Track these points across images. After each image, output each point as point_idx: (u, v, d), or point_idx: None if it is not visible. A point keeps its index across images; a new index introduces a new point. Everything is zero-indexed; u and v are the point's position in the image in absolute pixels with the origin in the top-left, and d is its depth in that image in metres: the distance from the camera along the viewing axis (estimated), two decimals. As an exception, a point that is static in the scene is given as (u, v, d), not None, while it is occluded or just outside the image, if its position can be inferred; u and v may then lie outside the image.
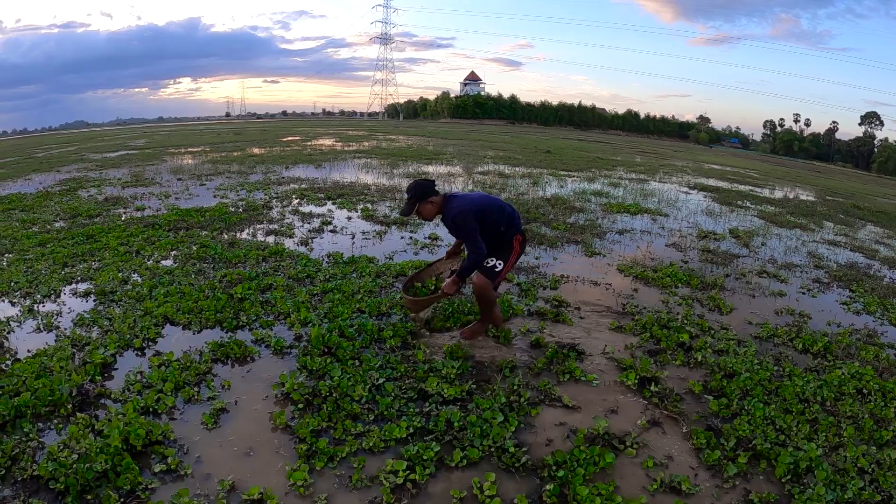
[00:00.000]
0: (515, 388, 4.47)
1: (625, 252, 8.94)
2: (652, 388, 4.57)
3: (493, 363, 4.99)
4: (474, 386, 4.54)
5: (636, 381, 4.66)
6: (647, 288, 7.19)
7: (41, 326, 5.65)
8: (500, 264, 5.11)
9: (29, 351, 5.06)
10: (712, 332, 5.85)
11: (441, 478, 3.57)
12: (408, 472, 3.55)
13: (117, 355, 5.03)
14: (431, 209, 5.08)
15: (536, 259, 8.27)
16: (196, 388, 4.49)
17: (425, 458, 3.67)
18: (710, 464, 3.74)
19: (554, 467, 3.55)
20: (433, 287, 5.81)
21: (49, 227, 10.13)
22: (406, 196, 5.07)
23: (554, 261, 8.26)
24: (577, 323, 5.91)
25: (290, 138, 36.23)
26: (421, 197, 5.01)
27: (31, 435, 3.89)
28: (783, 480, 3.64)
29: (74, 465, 3.46)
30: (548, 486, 3.38)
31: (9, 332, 5.53)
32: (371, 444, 3.82)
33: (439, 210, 5.12)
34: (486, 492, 3.37)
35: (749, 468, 3.74)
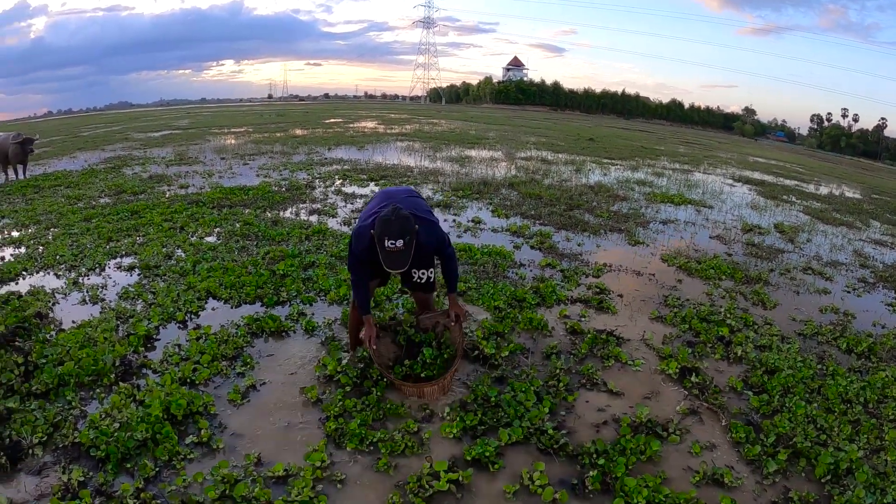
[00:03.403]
0: (556, 372, 4.48)
1: (668, 242, 8.85)
2: (693, 378, 4.52)
3: (536, 348, 5.00)
4: (515, 371, 4.59)
5: (677, 371, 4.63)
6: (690, 279, 7.10)
7: (86, 299, 5.85)
8: (433, 274, 4.46)
9: (74, 322, 5.24)
10: (755, 326, 5.75)
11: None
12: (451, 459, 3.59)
13: (160, 328, 5.20)
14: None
15: (579, 246, 8.21)
16: (231, 363, 4.61)
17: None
18: (749, 458, 3.70)
19: (595, 454, 3.55)
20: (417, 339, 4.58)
21: (94, 202, 10.46)
22: (399, 244, 3.57)
23: (597, 248, 8.20)
24: (619, 311, 5.89)
25: (332, 120, 36.44)
26: (414, 234, 3.67)
27: (73, 403, 4.03)
28: (823, 480, 3.58)
29: (115, 434, 3.57)
30: (591, 473, 3.37)
31: (54, 304, 5.74)
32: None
33: None
34: (537, 481, 3.35)
35: (789, 466, 3.68)
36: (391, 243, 3.51)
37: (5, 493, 3.15)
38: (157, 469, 3.41)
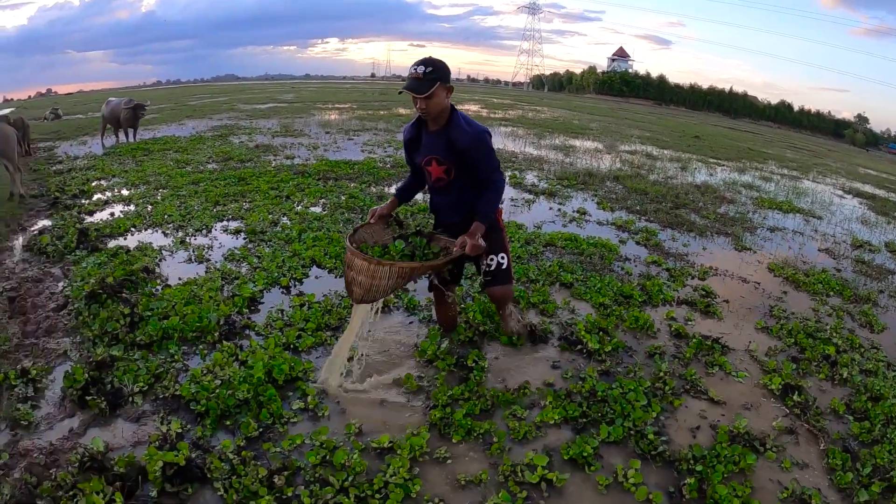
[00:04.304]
0: (661, 375, 4.35)
1: (776, 251, 8.44)
2: (795, 397, 4.29)
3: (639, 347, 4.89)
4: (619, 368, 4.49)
5: (780, 387, 4.40)
6: (796, 292, 6.73)
7: (192, 258, 6.12)
8: (504, 259, 4.11)
9: (180, 279, 5.48)
10: (861, 349, 5.36)
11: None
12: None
13: (264, 291, 5.36)
14: (443, 102, 3.69)
15: (685, 246, 7.97)
16: (334, 333, 4.65)
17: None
18: (841, 486, 3.46)
19: (692, 461, 3.45)
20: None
21: (202, 167, 10.98)
22: (420, 69, 3.56)
23: (703, 251, 7.93)
24: (724, 318, 5.68)
25: (433, 99, 36.55)
26: (445, 77, 3.63)
27: (175, 357, 4.17)
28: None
29: (217, 391, 3.66)
30: (688, 480, 3.26)
31: (160, 260, 6.03)
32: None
33: (446, 111, 3.76)
34: (631, 479, 3.26)
35: (881, 499, 3.42)
36: (414, 68, 3.60)
37: (102, 437, 3.27)
38: (260, 430, 3.47)
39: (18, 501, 2.81)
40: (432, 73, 3.55)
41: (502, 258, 4.06)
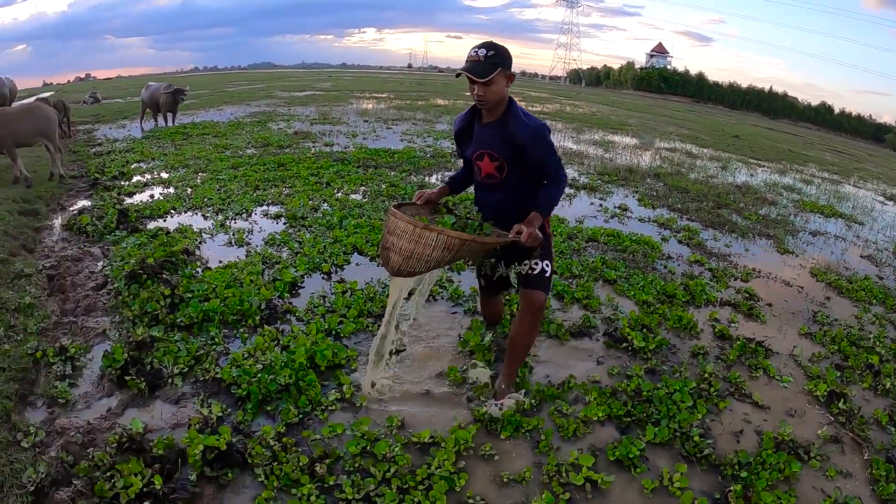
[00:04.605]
0: (706, 376, 4.27)
1: (818, 255, 8.27)
2: (840, 405, 4.19)
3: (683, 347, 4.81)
4: (663, 366, 4.43)
5: (825, 394, 4.31)
6: (839, 298, 6.58)
7: (232, 241, 6.14)
8: (548, 266, 3.71)
9: (220, 262, 5.49)
10: None
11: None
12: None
13: (305, 276, 5.34)
14: (502, 91, 3.37)
15: (727, 247, 7.85)
16: (376, 321, 4.59)
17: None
18: (883, 497, 3.39)
19: (737, 466, 3.38)
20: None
21: (241, 152, 11.06)
22: (482, 52, 3.25)
23: (745, 252, 7.80)
24: (768, 321, 5.59)
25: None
26: (507, 64, 3.33)
27: (216, 339, 4.15)
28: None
29: (258, 375, 3.63)
30: (733, 487, 3.19)
31: (200, 243, 6.05)
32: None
33: (503, 101, 3.44)
34: (677, 483, 3.19)
35: None
36: (475, 51, 3.28)
37: (141, 418, 3.24)
38: (300, 416, 3.43)
39: (54, 480, 2.78)
40: (494, 58, 3.24)
41: (546, 265, 3.67)
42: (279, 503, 2.84)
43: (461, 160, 3.86)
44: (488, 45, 3.28)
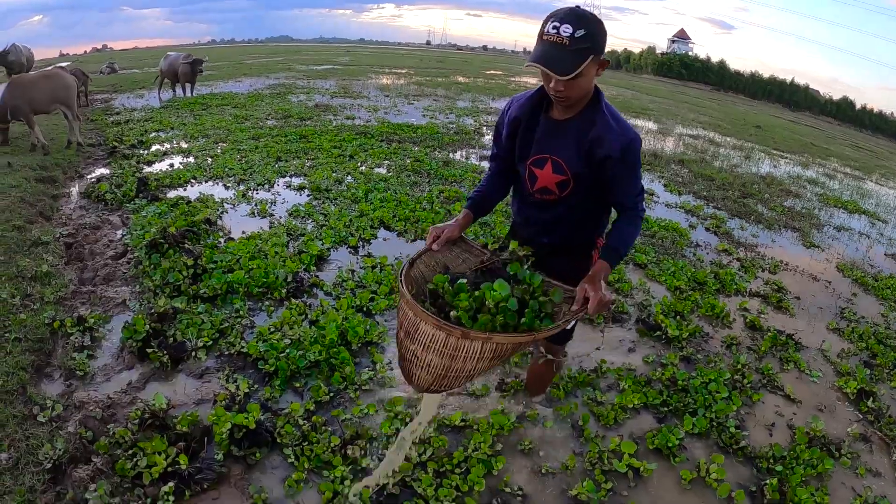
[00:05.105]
0: (739, 367, 4.24)
1: (843, 251, 8.20)
2: (869, 403, 4.15)
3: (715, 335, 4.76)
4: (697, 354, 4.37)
5: (855, 391, 4.27)
6: (865, 294, 6.53)
7: (255, 211, 6.02)
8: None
9: (244, 232, 5.35)
10: None
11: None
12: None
13: (332, 250, 5.21)
14: (591, 83, 2.35)
15: (754, 237, 7.78)
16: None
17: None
18: None
19: (772, 460, 3.36)
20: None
21: (261, 124, 10.93)
22: (566, 31, 2.11)
23: (772, 243, 7.74)
24: (796, 314, 5.56)
25: (492, 71, 36.68)
26: (600, 46, 2.23)
27: (241, 312, 4.01)
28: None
29: (287, 351, 3.49)
30: (769, 481, 3.14)
31: (222, 213, 5.92)
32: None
33: (588, 95, 2.41)
34: (713, 474, 3.12)
35: None
36: (553, 26, 2.13)
37: (164, 393, 3.10)
38: (331, 394, 3.29)
39: (73, 457, 2.66)
40: (584, 40, 2.12)
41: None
42: (310, 485, 2.72)
43: (491, 160, 2.81)
44: (575, 19, 2.13)
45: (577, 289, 2.24)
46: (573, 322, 2.32)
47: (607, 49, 2.30)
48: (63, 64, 14.89)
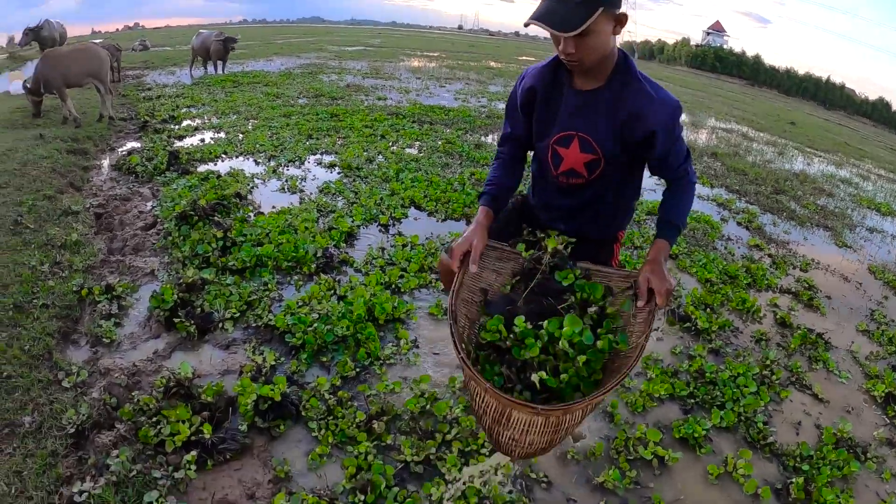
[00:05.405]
0: (768, 363, 4.16)
1: (875, 253, 8.04)
2: None
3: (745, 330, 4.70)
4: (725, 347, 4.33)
5: (883, 395, 4.19)
6: None
7: (285, 187, 6.02)
8: None
9: (274, 207, 5.34)
10: None
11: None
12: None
13: (362, 227, 5.19)
14: (606, 44, 1.96)
15: (786, 234, 7.67)
16: (438, 276, 4.38)
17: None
18: None
19: (798, 459, 3.30)
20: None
21: (292, 102, 10.96)
22: None
23: (804, 241, 7.61)
24: (827, 314, 5.46)
25: (524, 57, 36.55)
26: (614, 1, 1.87)
27: (269, 285, 4.00)
28: None
29: (314, 325, 3.46)
30: (796, 480, 3.10)
31: (253, 188, 5.92)
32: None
33: (611, 59, 2.04)
34: (741, 470, 3.07)
35: None
36: None
37: (189, 363, 3.08)
38: (357, 370, 3.26)
39: (96, 422, 2.65)
40: None
41: None
42: (334, 460, 2.69)
43: (503, 143, 2.50)
44: None
45: (639, 279, 1.97)
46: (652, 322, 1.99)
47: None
48: (97, 41, 15.04)
